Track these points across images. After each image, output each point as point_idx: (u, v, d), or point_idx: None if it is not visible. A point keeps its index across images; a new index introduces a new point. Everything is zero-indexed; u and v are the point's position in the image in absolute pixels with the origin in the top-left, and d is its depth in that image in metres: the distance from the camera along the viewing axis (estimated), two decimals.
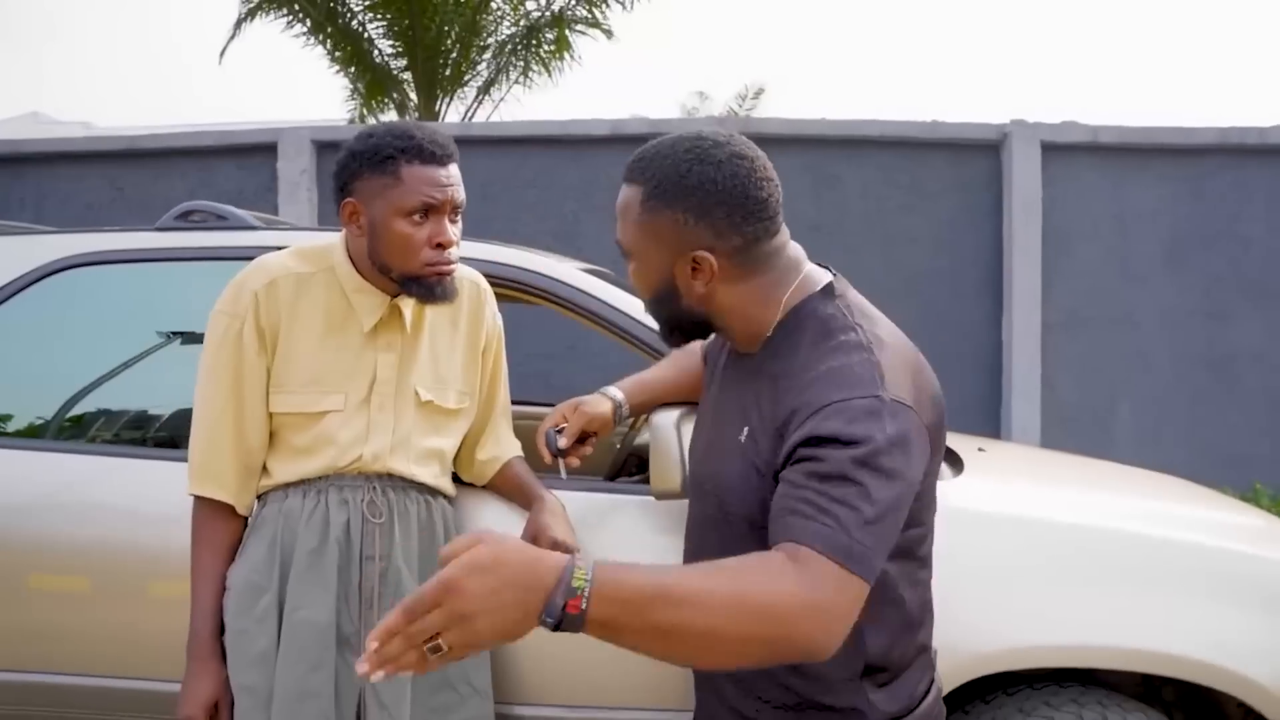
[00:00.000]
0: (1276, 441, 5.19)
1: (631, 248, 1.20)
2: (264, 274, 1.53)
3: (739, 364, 1.27)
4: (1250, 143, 5.15)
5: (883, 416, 1.04)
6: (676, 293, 1.19)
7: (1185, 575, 1.78)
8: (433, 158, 1.46)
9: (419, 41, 8.60)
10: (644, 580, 0.91)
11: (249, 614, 1.48)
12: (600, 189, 5.32)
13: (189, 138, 5.44)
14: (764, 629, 0.93)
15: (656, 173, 1.15)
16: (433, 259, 1.48)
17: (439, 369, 1.61)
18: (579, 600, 0.88)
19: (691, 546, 1.31)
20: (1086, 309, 5.21)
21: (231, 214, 2.19)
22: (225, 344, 1.51)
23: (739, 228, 1.14)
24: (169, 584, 1.75)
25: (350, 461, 1.52)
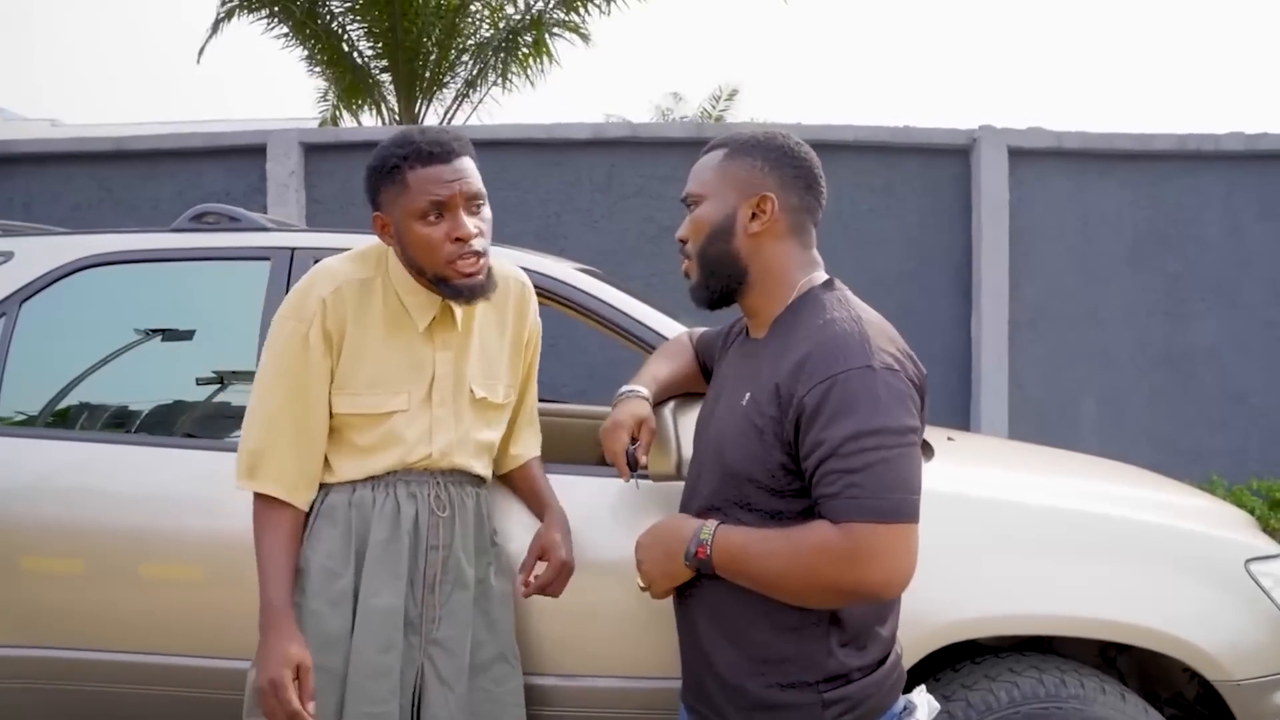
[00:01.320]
0: (1231, 435, 5.38)
1: (703, 189, 1.41)
2: (330, 281, 1.57)
3: (746, 347, 1.46)
4: (1206, 149, 5.33)
5: (876, 386, 1.23)
6: (732, 231, 1.38)
7: (1139, 551, 1.91)
8: (432, 157, 1.49)
9: (399, 43, 8.63)
10: (742, 538, 1.31)
11: (323, 596, 1.56)
12: (582, 191, 5.41)
13: (177, 139, 5.46)
14: (817, 582, 1.25)
15: (742, 137, 1.41)
16: (453, 254, 1.51)
17: (489, 365, 1.69)
18: (704, 549, 1.33)
19: (692, 510, 1.45)
20: (1052, 308, 5.37)
21: (244, 216, 2.29)
22: (290, 347, 1.54)
23: (801, 191, 1.39)
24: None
25: (419, 458, 1.61)
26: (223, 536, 1.91)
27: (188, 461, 2.03)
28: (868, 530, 1.21)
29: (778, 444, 1.29)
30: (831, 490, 1.23)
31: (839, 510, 1.23)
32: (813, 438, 1.24)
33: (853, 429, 1.22)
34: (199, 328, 2.30)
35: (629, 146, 5.41)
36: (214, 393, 2.28)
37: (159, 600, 1.95)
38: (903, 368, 1.28)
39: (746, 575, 1.31)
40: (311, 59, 9.24)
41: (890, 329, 1.35)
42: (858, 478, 1.21)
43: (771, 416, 1.29)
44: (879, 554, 1.22)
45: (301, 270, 2.12)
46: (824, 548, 1.23)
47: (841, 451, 1.22)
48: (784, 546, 1.27)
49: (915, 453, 1.26)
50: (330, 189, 5.43)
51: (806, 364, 1.27)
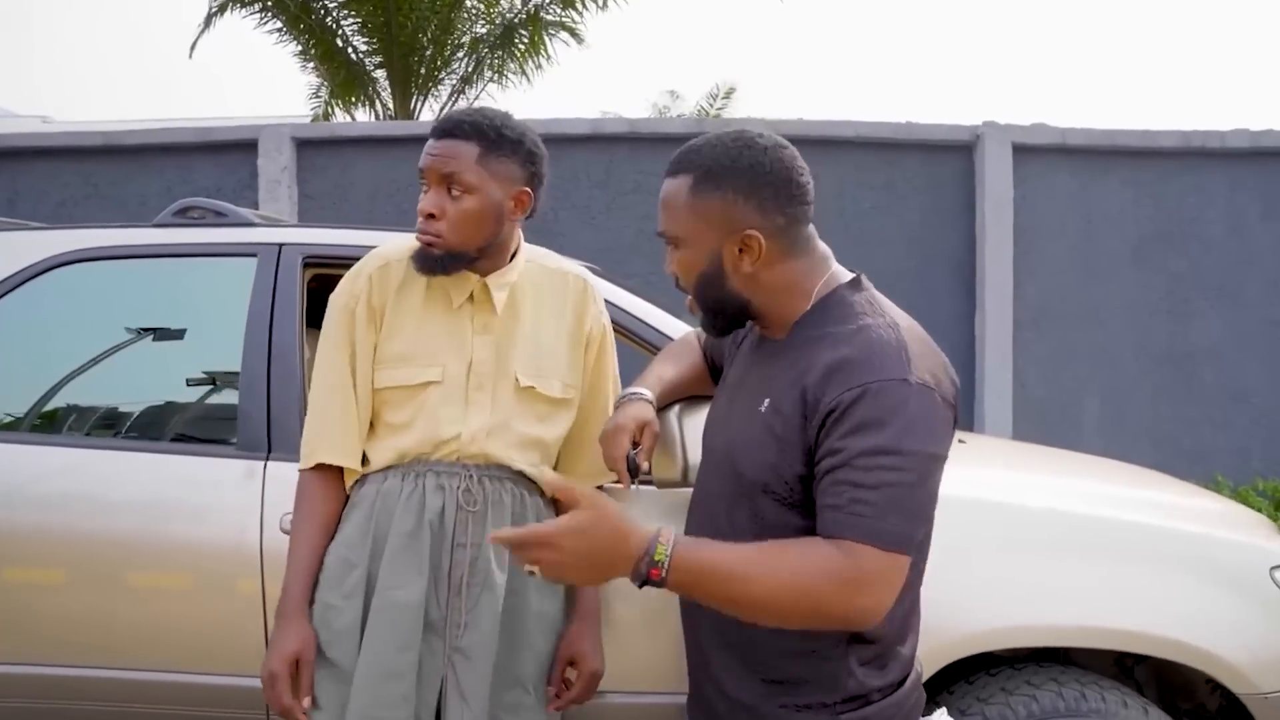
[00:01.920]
0: (1234, 435, 5.33)
1: (679, 233, 1.28)
2: (379, 258, 1.61)
3: (764, 347, 1.35)
4: (1211, 146, 5.28)
5: (909, 402, 1.14)
6: (723, 274, 1.28)
7: (1157, 557, 1.85)
8: (434, 130, 1.54)
9: (394, 39, 8.55)
10: (712, 557, 1.13)
11: (337, 589, 1.52)
12: (579, 188, 5.34)
13: (166, 134, 5.38)
14: (806, 604, 1.12)
15: (705, 160, 1.26)
16: (419, 226, 1.54)
17: (542, 357, 1.62)
18: (659, 570, 1.11)
19: (699, 518, 1.37)
20: (1055, 307, 5.31)
21: (230, 211, 2.21)
22: (342, 322, 1.58)
23: (783, 208, 1.25)
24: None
25: (448, 439, 1.54)
26: (209, 544, 1.85)
27: (173, 466, 1.95)
28: (866, 553, 1.12)
29: (799, 454, 1.20)
30: (836, 501, 1.14)
31: (839, 524, 1.13)
32: (831, 444, 1.15)
33: (874, 443, 1.13)
34: (183, 327, 2.22)
35: (627, 142, 5.34)
36: (201, 395, 2.20)
37: (144, 613, 1.87)
38: (939, 385, 1.19)
39: (714, 598, 1.14)
40: (305, 54, 9.16)
41: (927, 337, 1.26)
42: (868, 494, 1.12)
43: (794, 425, 1.20)
44: (875, 581, 1.12)
45: (289, 267, 2.06)
46: (825, 568, 1.12)
47: (857, 464, 1.13)
48: (770, 566, 1.13)
49: (934, 483, 1.17)
50: (323, 185, 5.35)
51: (840, 369, 1.17)
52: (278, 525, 1.82)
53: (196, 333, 2.22)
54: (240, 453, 1.93)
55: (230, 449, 1.96)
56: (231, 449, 1.96)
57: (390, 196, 5.34)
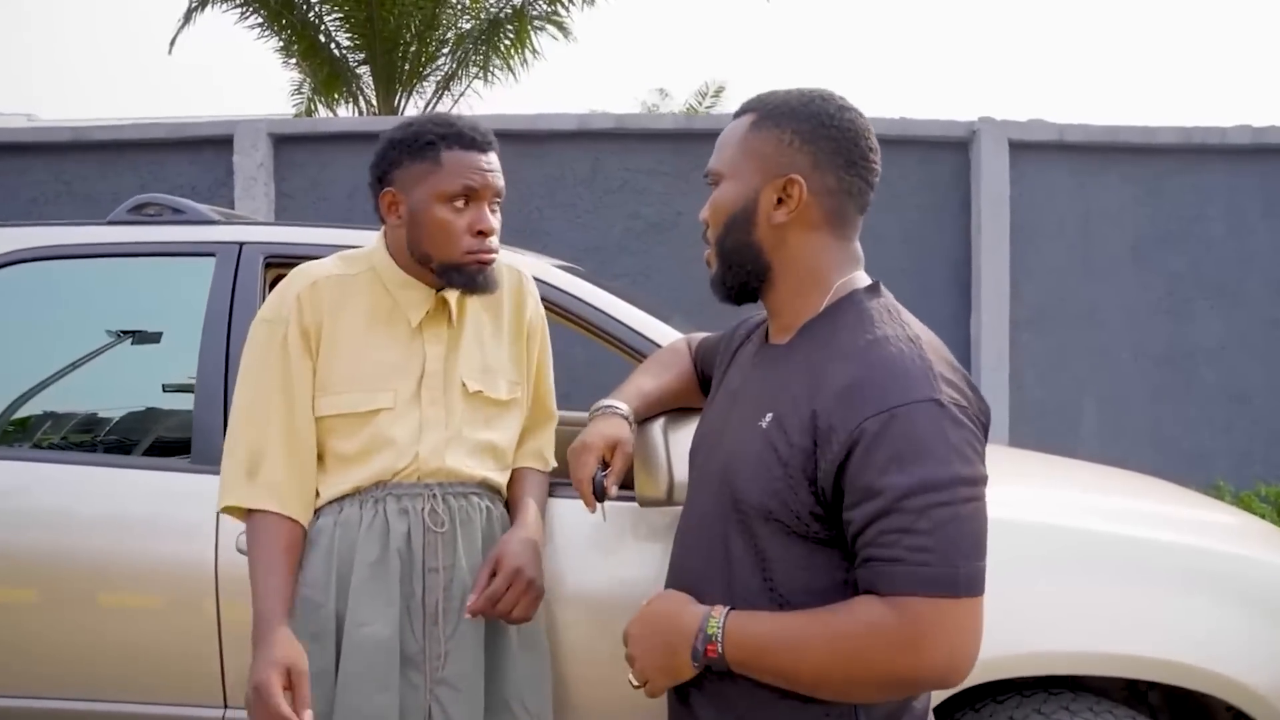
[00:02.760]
0: (1235, 438, 5.25)
1: (724, 167, 1.19)
2: (306, 277, 1.48)
3: (764, 354, 1.23)
4: (1211, 143, 5.20)
5: (944, 425, 1.01)
6: (753, 220, 1.16)
7: (1170, 577, 1.75)
8: (473, 143, 1.44)
9: (377, 34, 8.42)
10: (763, 629, 1.06)
11: (304, 631, 1.40)
12: (566, 185, 5.23)
13: (139, 129, 5.23)
14: (867, 673, 1.02)
15: (773, 101, 1.17)
16: (473, 246, 1.44)
17: (486, 359, 1.55)
18: (715, 646, 1.08)
19: (689, 545, 1.23)
20: (1052, 306, 5.22)
21: (189, 207, 2.08)
22: (270, 350, 1.45)
23: (838, 171, 1.14)
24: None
25: (407, 463, 1.45)
26: (162, 566, 1.74)
27: (123, 481, 1.83)
28: (930, 607, 0.98)
29: (805, 482, 1.06)
30: (888, 554, 0.99)
31: (897, 580, 0.99)
32: (865, 484, 1.01)
33: (920, 478, 0.99)
34: (136, 331, 2.09)
35: (614, 139, 5.23)
36: (157, 405, 2.07)
37: (98, 639, 1.74)
38: (969, 403, 1.06)
39: (774, 673, 1.06)
40: (286, 50, 9.02)
41: (946, 351, 1.12)
42: (925, 540, 0.98)
43: (801, 448, 1.06)
44: (945, 635, 0.98)
45: (250, 268, 1.95)
46: (877, 632, 1.00)
47: (905, 506, 0.99)
48: (821, 634, 1.03)
49: (985, 509, 1.03)
50: (301, 182, 5.22)
51: (856, 391, 1.03)
52: (234, 545, 1.71)
53: (152, 337, 2.09)
54: (195, 466, 1.81)
55: (184, 463, 1.84)
56: (185, 463, 1.83)
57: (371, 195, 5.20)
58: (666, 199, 5.23)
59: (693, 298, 4.25)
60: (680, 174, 5.22)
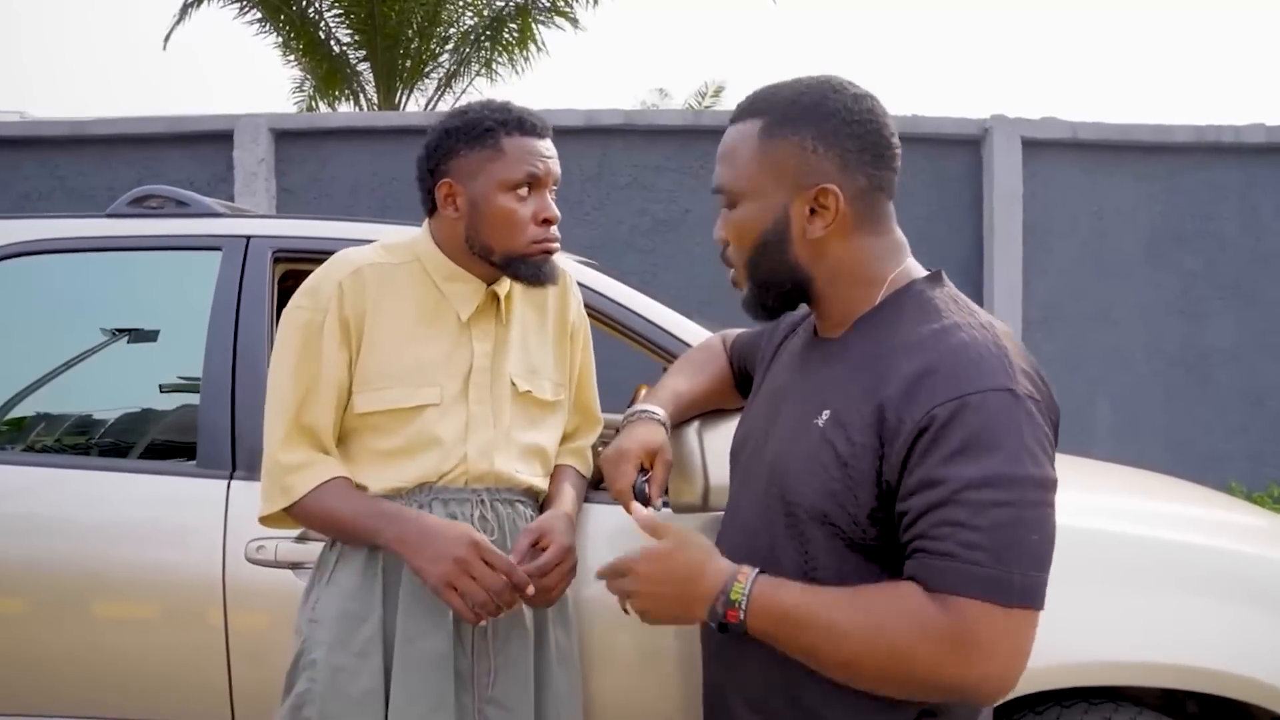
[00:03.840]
0: (1249, 439, 5.19)
1: (740, 186, 1.08)
2: (348, 264, 1.40)
3: (817, 348, 1.13)
4: (1225, 141, 5.14)
5: (1018, 418, 0.93)
6: (787, 238, 1.06)
7: (1205, 582, 1.68)
8: (533, 129, 1.38)
9: (379, 31, 8.33)
10: (793, 601, 0.98)
11: (346, 648, 1.30)
12: (572, 182, 5.15)
13: (136, 124, 5.13)
14: (903, 670, 0.94)
15: (781, 102, 1.06)
16: (539, 235, 1.38)
17: (531, 359, 1.48)
18: (736, 612, 0.99)
19: (732, 551, 1.12)
20: (1065, 305, 5.16)
21: (193, 200, 2.00)
22: (306, 340, 1.36)
23: (868, 168, 1.04)
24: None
25: (455, 464, 1.37)
26: (164, 577, 1.66)
27: (125, 486, 1.74)
28: (980, 611, 0.90)
29: (870, 483, 0.98)
30: (940, 547, 0.92)
31: (946, 576, 0.91)
32: (926, 472, 0.93)
33: (987, 470, 0.90)
34: (139, 328, 2.00)
35: (621, 135, 5.15)
36: (159, 406, 1.98)
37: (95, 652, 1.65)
38: (1044, 399, 0.98)
39: (797, 648, 0.98)
40: (286, 47, 8.93)
41: (1022, 345, 1.04)
42: (981, 537, 0.90)
43: (867, 445, 0.98)
44: (996, 646, 0.90)
45: (257, 261, 1.86)
46: (920, 626, 0.92)
47: (965, 498, 0.90)
48: (859, 619, 0.94)
49: (1053, 516, 0.95)
50: (301, 177, 5.13)
51: (926, 378, 0.95)
52: (243, 554, 1.63)
53: (153, 335, 2.01)
54: (201, 470, 1.73)
55: (189, 466, 1.75)
56: (191, 466, 1.74)
57: (373, 191, 5.13)
58: (674, 196, 5.15)
59: (701, 295, 4.17)
60: (689, 170, 5.14)
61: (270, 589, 1.62)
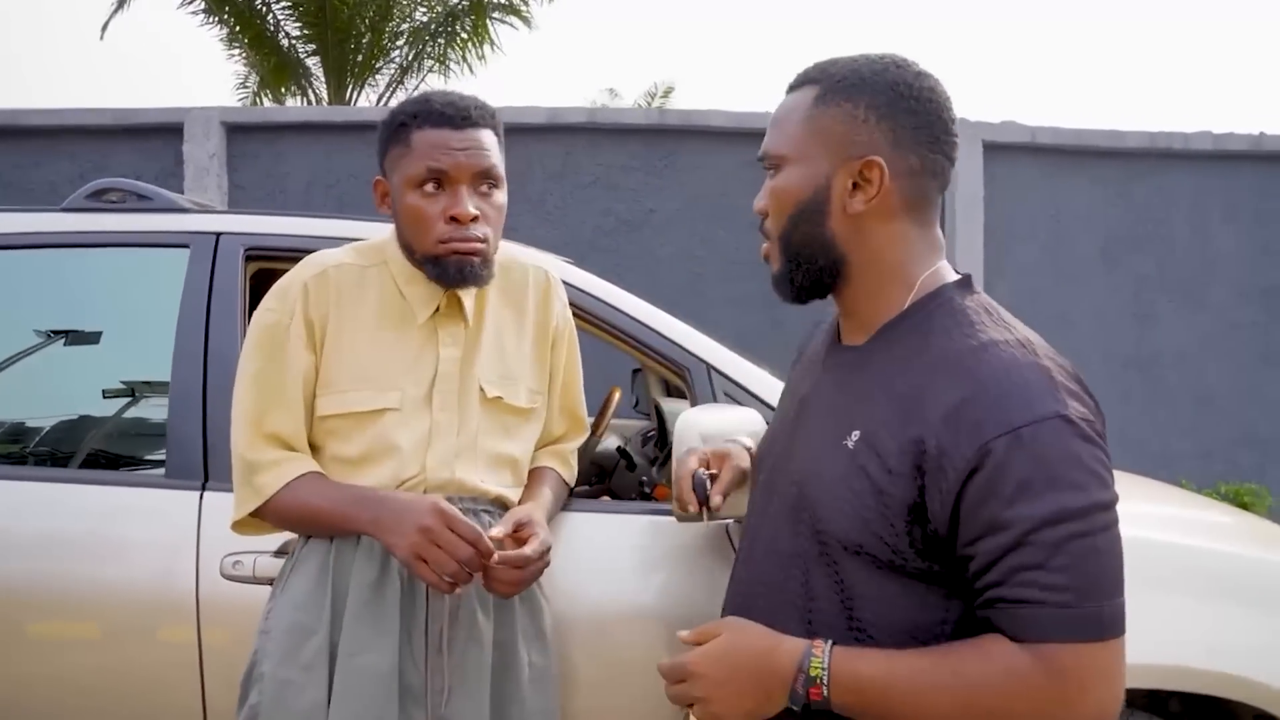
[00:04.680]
0: (1198, 440, 5.31)
1: (785, 150, 1.03)
2: (314, 266, 1.37)
3: (837, 356, 1.09)
4: (1176, 147, 5.26)
5: (1076, 446, 0.88)
6: (826, 209, 1.01)
7: (1183, 580, 1.68)
8: (444, 120, 1.30)
9: (329, 24, 8.15)
10: (876, 671, 0.93)
11: (294, 660, 1.25)
12: (535, 180, 5.07)
13: (80, 115, 4.92)
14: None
15: (838, 70, 1.02)
16: (446, 235, 1.30)
17: (507, 363, 1.42)
18: (819, 689, 0.94)
19: (755, 573, 1.08)
20: (1024, 308, 5.17)
21: (156, 194, 1.90)
22: (272, 343, 1.33)
23: (921, 148, 1.00)
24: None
25: (414, 472, 1.32)
26: (130, 593, 1.56)
27: (87, 497, 1.64)
28: (1075, 654, 0.87)
29: (903, 511, 0.93)
30: (1021, 594, 0.88)
31: (1035, 625, 0.87)
32: (990, 516, 0.88)
33: (1053, 506, 0.87)
34: (100, 330, 1.89)
35: (585, 133, 5.08)
36: (122, 411, 1.87)
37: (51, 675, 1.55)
38: (1094, 414, 0.94)
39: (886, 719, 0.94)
40: (232, 40, 8.70)
41: (1061, 355, 1.00)
42: (1062, 578, 0.86)
43: (902, 476, 0.93)
44: (1093, 684, 0.87)
45: (228, 260, 1.77)
46: (1016, 682, 0.88)
47: (1038, 540, 0.87)
48: (949, 681, 0.90)
49: (1120, 535, 0.92)
50: (255, 173, 4.97)
51: (970, 409, 0.90)
52: (218, 569, 1.54)
53: (117, 337, 1.90)
54: (170, 481, 1.63)
55: (157, 477, 1.65)
56: (158, 477, 1.65)
57: (329, 187, 4.99)
58: (639, 195, 5.10)
59: (666, 295, 4.12)
60: (653, 170, 5.10)
61: (247, 606, 1.53)
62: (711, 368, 1.72)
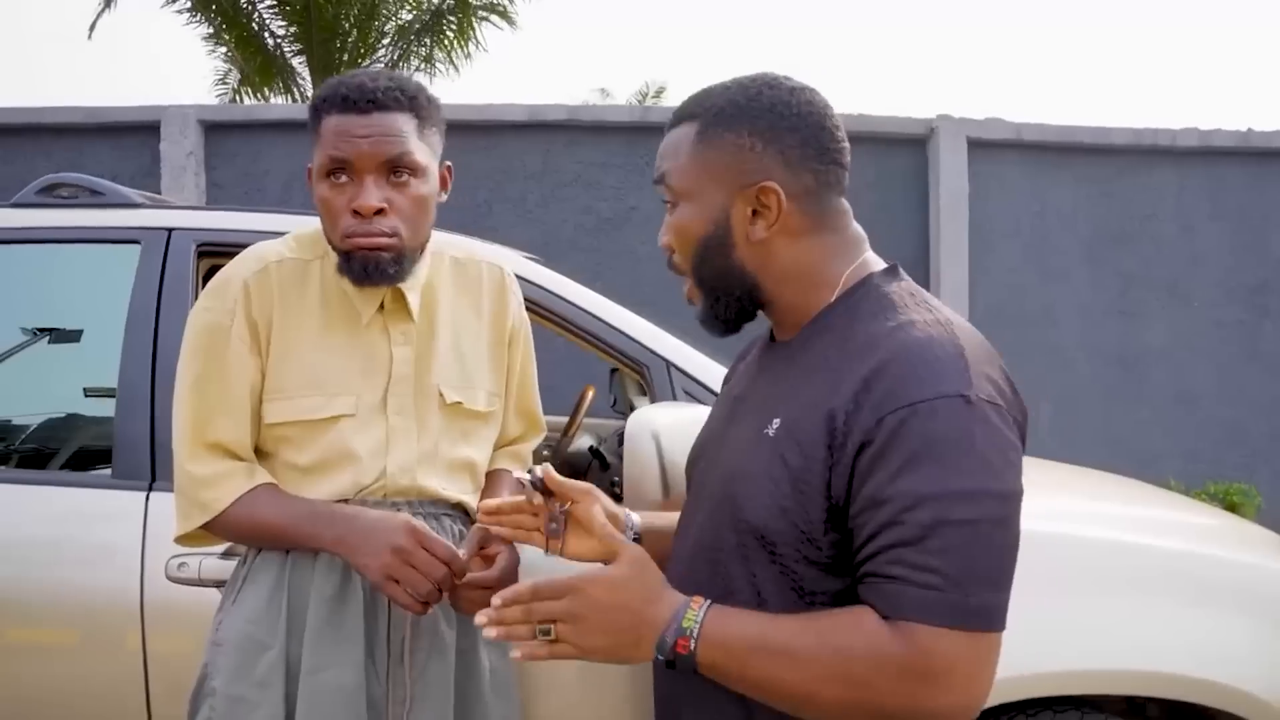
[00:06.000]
0: (1182, 438, 5.30)
1: (680, 187, 1.02)
2: (255, 261, 1.29)
3: (770, 353, 1.07)
4: (1162, 144, 5.24)
5: (973, 426, 0.86)
6: (729, 241, 1.00)
7: (1164, 585, 1.66)
8: (347, 104, 1.21)
9: (314, 23, 8.12)
10: (745, 629, 0.91)
11: (247, 677, 1.20)
12: (515, 179, 5.04)
13: (54, 113, 4.87)
14: (863, 700, 0.87)
15: (715, 101, 1.00)
16: (351, 229, 1.23)
17: (465, 366, 1.36)
18: (688, 641, 0.91)
19: (683, 571, 1.06)
20: (1009, 305, 5.20)
21: (108, 189, 1.86)
22: (211, 345, 1.25)
23: (811, 163, 0.98)
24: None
25: (374, 479, 1.27)
26: (75, 597, 1.54)
27: (29, 499, 1.61)
28: (940, 639, 0.84)
29: (820, 499, 0.91)
30: (891, 570, 0.86)
31: (899, 602, 0.85)
32: (872, 490, 0.87)
33: (936, 486, 0.85)
34: (47, 329, 1.86)
35: (566, 131, 5.05)
36: (71, 413, 1.84)
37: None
38: (1007, 403, 0.91)
39: (750, 682, 0.91)
40: (216, 39, 8.66)
41: (986, 341, 0.98)
42: (934, 560, 0.84)
43: (816, 459, 0.91)
44: (956, 672, 0.85)
45: (180, 256, 1.74)
46: (876, 655, 0.86)
47: (913, 519, 0.85)
48: (816, 648, 0.88)
49: (1015, 530, 0.89)
50: (233, 172, 4.93)
51: (877, 382, 0.89)
52: (163, 572, 1.51)
53: (64, 336, 1.87)
54: (116, 482, 1.60)
55: (104, 478, 1.62)
56: (105, 478, 1.62)
57: (308, 185, 4.95)
58: (620, 193, 5.07)
59: (646, 295, 4.10)
60: (634, 167, 5.07)
61: (193, 609, 1.50)
62: (672, 365, 1.70)
